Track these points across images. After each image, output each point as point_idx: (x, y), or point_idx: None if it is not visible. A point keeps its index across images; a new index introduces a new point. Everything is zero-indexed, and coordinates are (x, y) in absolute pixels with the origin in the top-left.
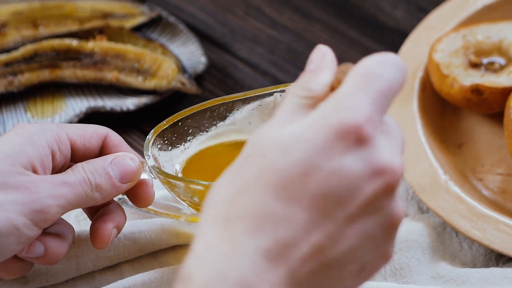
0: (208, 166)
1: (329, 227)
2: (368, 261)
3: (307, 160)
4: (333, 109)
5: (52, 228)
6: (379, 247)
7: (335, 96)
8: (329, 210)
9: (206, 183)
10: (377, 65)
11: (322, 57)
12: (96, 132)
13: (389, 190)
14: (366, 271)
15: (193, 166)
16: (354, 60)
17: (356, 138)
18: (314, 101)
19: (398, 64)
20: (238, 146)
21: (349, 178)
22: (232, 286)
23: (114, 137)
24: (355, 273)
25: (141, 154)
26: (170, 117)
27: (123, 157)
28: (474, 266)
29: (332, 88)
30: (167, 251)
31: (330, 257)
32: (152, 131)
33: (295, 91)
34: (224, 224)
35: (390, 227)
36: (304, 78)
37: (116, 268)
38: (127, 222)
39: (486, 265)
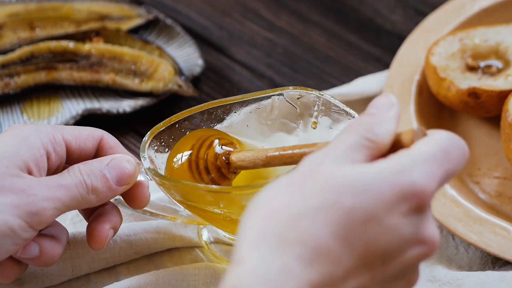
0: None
1: (366, 278)
2: None
3: (372, 209)
4: (410, 167)
5: (47, 230)
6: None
7: (413, 154)
8: (373, 263)
9: (201, 185)
10: (455, 147)
11: (390, 107)
12: (91, 134)
13: (424, 258)
14: None
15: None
16: (352, 62)
17: (418, 204)
18: (376, 147)
19: (466, 153)
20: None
21: (400, 239)
22: None
23: (109, 139)
24: None
25: (137, 156)
26: (167, 119)
27: (120, 159)
28: (470, 269)
29: (395, 144)
30: (163, 253)
31: None
32: (148, 132)
33: (358, 128)
34: (278, 243)
35: (414, 271)
36: (367, 119)
37: (112, 270)
38: (123, 225)
39: (483, 268)
